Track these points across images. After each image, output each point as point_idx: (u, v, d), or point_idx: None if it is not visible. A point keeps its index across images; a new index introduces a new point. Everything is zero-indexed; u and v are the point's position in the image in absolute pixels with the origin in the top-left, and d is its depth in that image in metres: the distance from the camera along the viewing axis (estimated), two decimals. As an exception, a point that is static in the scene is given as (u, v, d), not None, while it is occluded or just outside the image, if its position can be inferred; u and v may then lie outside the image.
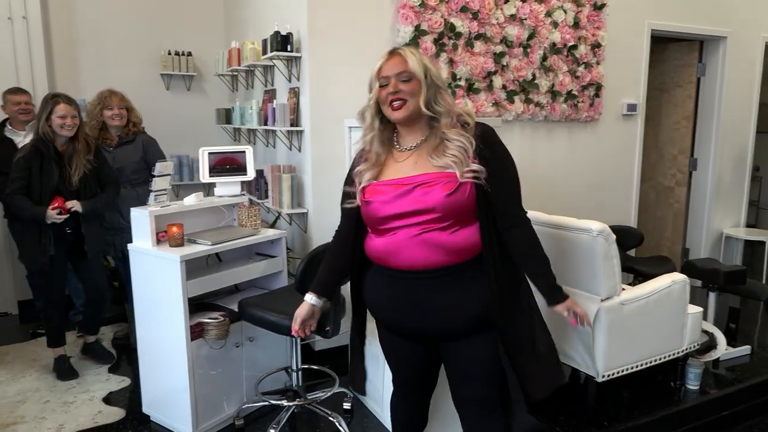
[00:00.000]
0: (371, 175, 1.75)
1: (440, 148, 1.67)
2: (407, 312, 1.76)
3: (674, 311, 2.64)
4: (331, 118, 3.30)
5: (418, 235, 1.66)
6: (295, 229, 3.59)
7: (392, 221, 1.70)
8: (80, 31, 4.48)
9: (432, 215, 1.65)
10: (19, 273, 4.20)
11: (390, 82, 1.68)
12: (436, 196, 1.63)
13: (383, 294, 1.80)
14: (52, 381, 3.22)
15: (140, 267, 2.71)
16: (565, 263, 2.48)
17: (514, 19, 3.74)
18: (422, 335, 1.80)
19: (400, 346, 1.91)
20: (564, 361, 2.62)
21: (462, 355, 1.78)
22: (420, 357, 1.91)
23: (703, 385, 2.91)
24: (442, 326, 1.74)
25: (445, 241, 1.66)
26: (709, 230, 5.08)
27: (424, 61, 1.71)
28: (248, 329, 2.84)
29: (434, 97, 1.69)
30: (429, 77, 1.69)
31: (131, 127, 3.54)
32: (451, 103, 1.72)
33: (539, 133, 4.08)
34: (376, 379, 2.84)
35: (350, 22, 3.31)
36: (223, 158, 3.04)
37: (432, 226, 1.66)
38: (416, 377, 1.98)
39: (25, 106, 3.75)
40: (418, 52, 1.75)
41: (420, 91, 1.67)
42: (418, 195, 1.66)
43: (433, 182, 1.65)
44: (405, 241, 1.68)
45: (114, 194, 3.26)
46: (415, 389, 2.02)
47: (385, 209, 1.69)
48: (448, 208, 1.64)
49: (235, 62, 4.14)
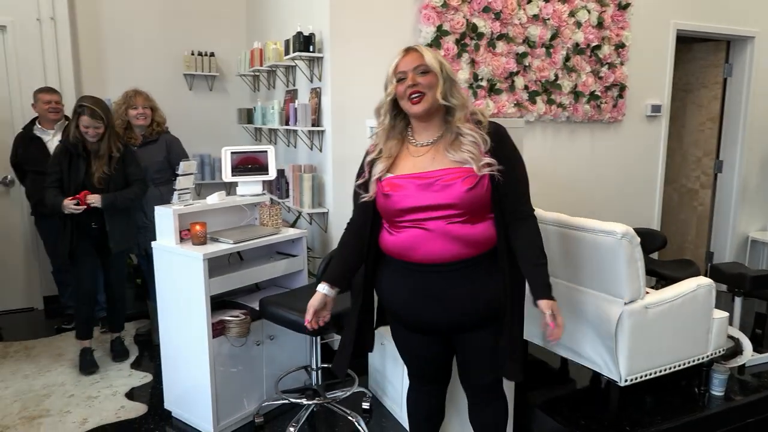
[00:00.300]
0: (383, 166, 1.80)
1: (456, 142, 1.74)
2: (426, 305, 1.80)
3: (699, 316, 2.59)
4: (353, 119, 3.31)
5: (439, 229, 1.72)
6: (315, 229, 3.60)
7: (411, 214, 1.74)
8: (106, 32, 4.55)
9: (452, 210, 1.71)
10: (45, 269, 4.29)
11: (407, 77, 1.74)
12: (457, 191, 1.69)
13: (402, 288, 1.83)
14: (76, 375, 3.28)
15: (163, 265, 2.75)
16: (589, 266, 2.45)
17: (536, 19, 3.71)
18: (438, 328, 1.85)
19: (415, 341, 1.94)
20: (585, 364, 2.59)
21: (472, 346, 1.87)
22: (434, 350, 1.95)
23: (728, 391, 2.86)
24: (459, 318, 1.80)
25: (465, 233, 1.72)
26: (735, 234, 4.99)
27: (438, 57, 1.78)
28: (269, 328, 2.86)
29: (450, 90, 1.75)
30: (444, 71, 1.76)
31: (155, 126, 3.58)
32: (465, 96, 1.80)
33: (561, 134, 4.05)
34: (394, 379, 2.85)
35: (372, 23, 3.31)
36: (246, 158, 3.07)
37: (452, 219, 1.72)
38: (431, 370, 2.02)
39: (55, 106, 3.82)
40: (431, 48, 1.83)
41: (437, 84, 1.73)
42: (438, 189, 1.71)
43: (454, 177, 1.71)
44: (425, 234, 1.73)
45: (139, 192, 3.31)
46: (431, 381, 2.06)
47: (404, 202, 1.74)
48: (468, 202, 1.70)
49: (257, 62, 4.17)
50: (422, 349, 1.95)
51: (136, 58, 4.64)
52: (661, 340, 2.47)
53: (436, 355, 1.97)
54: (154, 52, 4.71)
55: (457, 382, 2.08)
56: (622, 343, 2.37)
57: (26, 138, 3.83)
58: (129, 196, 3.24)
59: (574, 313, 2.53)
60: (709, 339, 2.66)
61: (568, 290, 2.52)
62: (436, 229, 1.72)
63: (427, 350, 1.95)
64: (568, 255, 2.49)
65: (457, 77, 1.85)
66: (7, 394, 3.06)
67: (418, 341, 1.93)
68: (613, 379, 2.45)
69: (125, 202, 3.24)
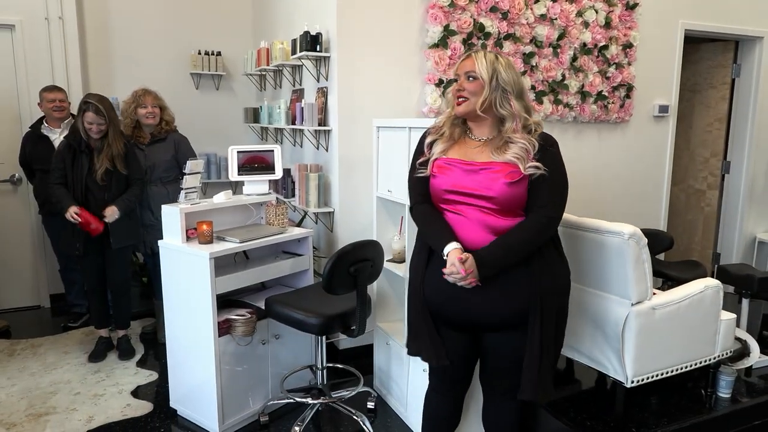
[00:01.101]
0: (441, 148, 1.91)
1: (503, 147, 1.81)
2: (458, 295, 1.85)
3: (707, 317, 2.58)
4: (359, 118, 3.31)
5: (475, 216, 1.82)
6: (321, 228, 3.61)
7: (452, 195, 1.85)
8: (113, 31, 4.57)
9: (489, 203, 1.80)
10: (52, 267, 4.31)
11: (460, 79, 1.88)
12: (499, 184, 1.78)
13: (438, 275, 1.85)
14: (83, 373, 3.29)
15: (170, 263, 2.76)
16: (595, 266, 2.45)
17: (544, 19, 3.70)
18: (469, 322, 1.89)
19: (444, 334, 1.97)
20: (591, 365, 2.58)
21: (499, 349, 1.91)
22: (462, 347, 1.98)
23: (735, 393, 2.84)
24: (490, 314, 1.84)
25: (500, 225, 1.80)
26: (742, 235, 4.96)
27: (495, 66, 1.83)
28: (274, 327, 2.87)
29: (498, 100, 1.83)
30: (495, 81, 1.82)
31: (164, 125, 3.60)
32: (517, 109, 1.83)
33: (568, 134, 4.04)
34: (400, 379, 2.85)
35: (379, 23, 3.31)
36: (252, 157, 3.07)
37: (487, 210, 1.81)
38: (454, 370, 2.04)
39: (59, 104, 3.83)
40: (495, 57, 1.85)
41: (481, 93, 1.82)
42: (482, 178, 1.81)
43: (498, 170, 1.78)
44: (463, 220, 1.84)
45: (139, 192, 3.37)
46: (453, 382, 2.08)
47: (447, 183, 1.86)
48: (507, 196, 1.78)
49: (263, 62, 4.18)
50: (454, 346, 1.97)
51: (143, 57, 4.66)
52: (668, 341, 2.47)
53: (462, 352, 1.99)
54: (161, 51, 4.73)
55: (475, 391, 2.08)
56: (628, 345, 2.37)
57: (34, 137, 3.86)
58: (131, 199, 3.31)
59: (579, 313, 2.53)
60: (716, 340, 2.65)
61: (575, 291, 2.51)
62: (472, 217, 1.82)
63: (462, 348, 1.98)
64: (575, 255, 2.48)
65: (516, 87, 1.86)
66: (14, 392, 3.08)
67: (453, 338, 1.96)
68: (619, 380, 2.45)
69: (130, 206, 3.32)
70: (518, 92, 1.85)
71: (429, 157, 1.93)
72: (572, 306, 2.17)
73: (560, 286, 1.91)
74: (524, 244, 1.79)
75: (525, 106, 1.87)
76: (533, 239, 1.79)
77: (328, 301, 2.59)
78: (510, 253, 1.78)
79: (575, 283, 2.53)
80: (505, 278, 1.82)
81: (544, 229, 1.82)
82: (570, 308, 2.02)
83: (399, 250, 2.91)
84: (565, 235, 2.47)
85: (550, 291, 1.85)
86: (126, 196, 3.28)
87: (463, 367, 2.05)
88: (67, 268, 4.09)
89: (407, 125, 2.63)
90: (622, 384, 2.44)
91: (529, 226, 1.80)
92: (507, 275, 1.81)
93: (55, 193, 3.22)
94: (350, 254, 2.43)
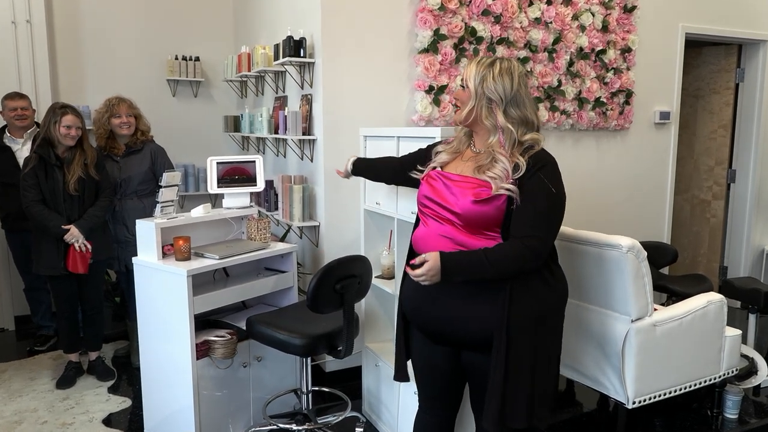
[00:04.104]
0: (444, 160, 1.97)
1: (485, 166, 1.80)
2: (426, 302, 1.91)
3: (710, 333, 2.63)
4: (346, 127, 3.36)
5: (439, 229, 1.86)
6: (306, 243, 3.64)
7: (429, 203, 1.91)
8: (85, 36, 4.60)
9: (457, 218, 1.82)
10: (17, 287, 4.29)
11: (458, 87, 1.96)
12: (465, 200, 1.80)
13: (411, 282, 1.93)
14: (50, 401, 3.28)
15: (145, 281, 2.77)
16: (593, 281, 2.49)
17: (538, 22, 3.78)
18: (440, 334, 1.93)
19: (428, 351, 2.01)
20: (591, 385, 2.62)
21: (479, 369, 1.90)
22: (439, 359, 2.01)
23: (742, 413, 2.89)
24: (453, 328, 1.87)
25: (462, 239, 1.81)
26: (750, 247, 5.04)
27: (485, 73, 1.83)
28: (256, 348, 2.88)
29: (482, 111, 1.83)
30: (481, 89, 1.82)
31: (139, 135, 3.60)
32: (502, 122, 1.80)
33: (565, 142, 4.11)
34: (390, 403, 2.86)
35: (366, 27, 3.37)
36: (232, 168, 3.10)
37: (456, 225, 1.83)
38: (443, 389, 2.07)
39: (21, 112, 3.84)
40: (492, 62, 1.85)
41: (467, 102, 1.86)
42: (452, 191, 1.85)
43: (468, 186, 1.82)
44: (426, 231, 1.90)
45: (107, 206, 3.41)
46: (441, 402, 2.10)
47: (428, 191, 1.92)
48: (470, 214, 1.79)
49: (244, 68, 4.22)
50: (436, 360, 2.00)
51: (116, 62, 4.69)
52: (671, 359, 2.51)
53: (447, 369, 2.01)
54: (135, 57, 4.76)
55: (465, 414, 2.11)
56: (629, 363, 2.41)
57: None
58: (98, 214, 3.34)
59: (578, 331, 2.57)
60: (721, 358, 2.69)
61: (572, 308, 2.55)
62: (434, 229, 1.87)
63: (438, 360, 2.00)
64: (572, 270, 2.52)
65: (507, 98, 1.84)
66: (-23, 421, 3.07)
67: (431, 350, 2.00)
68: (620, 401, 2.48)
69: (98, 221, 3.35)
70: (512, 102, 1.80)
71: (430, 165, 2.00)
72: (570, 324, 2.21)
73: (545, 310, 1.85)
74: (498, 265, 1.72)
75: (521, 118, 1.81)
76: (509, 266, 1.73)
77: (314, 320, 2.61)
78: (478, 265, 1.71)
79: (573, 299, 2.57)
80: (469, 296, 1.81)
81: (525, 260, 1.73)
82: (568, 326, 2.05)
83: (388, 265, 2.94)
84: (561, 248, 2.51)
85: (527, 318, 1.79)
86: (92, 212, 3.30)
87: (442, 384, 2.06)
88: (32, 288, 4.07)
89: (396, 134, 2.68)
90: (624, 405, 2.48)
91: (509, 250, 1.73)
92: (471, 294, 1.80)
93: (38, 212, 3.19)
94: (336, 270, 2.46)
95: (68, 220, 3.23)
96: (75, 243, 3.20)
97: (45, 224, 3.20)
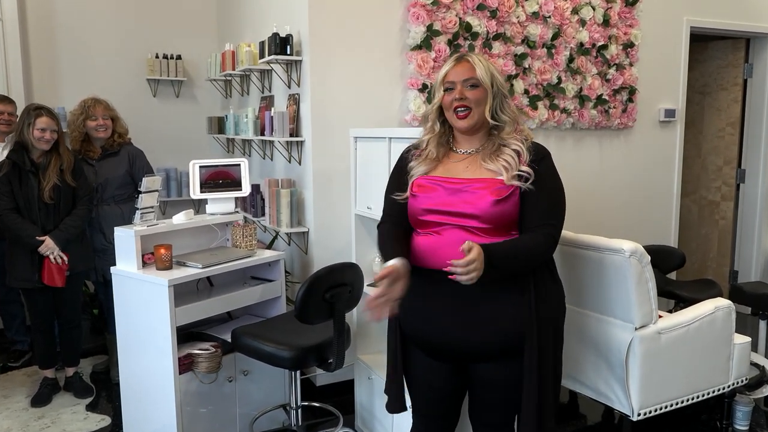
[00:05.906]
0: (424, 170, 1.92)
1: (495, 153, 1.85)
2: (438, 318, 1.86)
3: (718, 341, 2.65)
4: (335, 128, 3.37)
5: (457, 236, 1.80)
6: (294, 250, 3.64)
7: (434, 216, 1.85)
8: (60, 34, 4.59)
9: (475, 221, 1.80)
10: (-11, 299, 4.27)
11: (456, 88, 1.87)
12: (484, 202, 1.80)
13: (418, 297, 1.86)
14: (25, 420, 3.27)
15: (124, 292, 2.77)
16: (595, 287, 2.51)
17: (536, 17, 3.81)
18: (450, 350, 1.89)
19: (428, 370, 1.99)
20: (595, 397, 2.63)
21: (490, 381, 1.90)
22: (442, 379, 1.99)
23: (753, 425, 2.91)
24: (476, 341, 1.84)
25: None
26: (761, 250, 5.06)
27: (491, 69, 1.88)
28: (242, 362, 2.88)
29: (500, 106, 1.88)
30: (495, 85, 1.87)
31: (116, 138, 3.61)
32: (515, 112, 1.91)
33: (566, 142, 4.13)
34: (384, 419, 2.87)
35: (356, 23, 3.39)
36: (216, 172, 3.11)
37: (473, 230, 1.80)
38: (442, 407, 2.06)
39: (8, 117, 3.83)
40: (485, 59, 1.91)
41: (486, 100, 1.86)
42: (466, 197, 1.83)
43: (482, 186, 1.81)
44: (439, 240, 1.83)
45: (86, 214, 3.39)
46: (437, 419, 2.09)
47: (429, 203, 1.86)
48: (492, 215, 1.79)
49: (229, 66, 4.23)
50: (437, 379, 1.99)
51: (93, 61, 4.69)
52: (677, 368, 2.52)
53: (451, 390, 2.01)
54: (113, 56, 4.75)
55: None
56: (633, 373, 2.42)
57: None
58: (76, 224, 3.32)
59: (580, 340, 2.58)
60: (730, 367, 2.71)
61: (574, 315, 2.56)
62: (450, 237, 1.81)
63: (443, 381, 1.99)
64: (573, 276, 2.54)
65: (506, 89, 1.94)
66: (-54, 442, 3.05)
67: (435, 369, 1.97)
68: (625, 413, 2.50)
69: (75, 232, 3.33)
70: (508, 95, 1.92)
71: (408, 180, 1.94)
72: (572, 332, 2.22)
73: (555, 310, 1.94)
74: (528, 254, 1.78)
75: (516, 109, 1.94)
76: (534, 255, 1.80)
77: (303, 331, 2.62)
78: (519, 255, 1.76)
79: (574, 306, 2.59)
80: (494, 299, 1.82)
81: (547, 249, 1.83)
82: (569, 334, 2.07)
83: (381, 273, 2.95)
84: (561, 253, 2.53)
85: (546, 316, 1.86)
86: (69, 222, 3.28)
87: (444, 404, 2.05)
88: (5, 300, 4.05)
89: (388, 135, 2.69)
90: (629, 417, 2.49)
91: (532, 240, 1.80)
92: (495, 296, 1.82)
93: (11, 222, 3.19)
94: (326, 278, 2.47)
95: (43, 230, 3.22)
96: (50, 255, 3.20)
97: (18, 234, 3.20)
